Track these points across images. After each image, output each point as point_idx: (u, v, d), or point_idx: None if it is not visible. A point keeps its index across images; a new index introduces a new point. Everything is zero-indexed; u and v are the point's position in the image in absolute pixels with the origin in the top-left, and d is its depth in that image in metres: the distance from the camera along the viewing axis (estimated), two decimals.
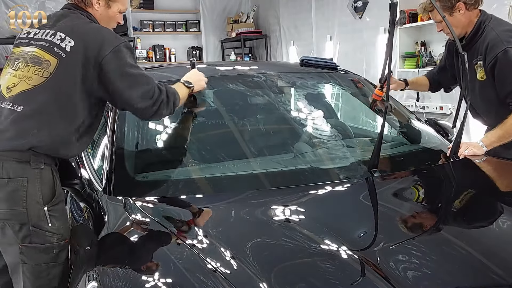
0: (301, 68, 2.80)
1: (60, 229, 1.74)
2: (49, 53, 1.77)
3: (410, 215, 1.80)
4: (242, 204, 1.85)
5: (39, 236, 1.70)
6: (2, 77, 1.85)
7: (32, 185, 1.69)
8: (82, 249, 1.75)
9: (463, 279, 1.35)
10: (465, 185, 2.09)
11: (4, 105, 1.76)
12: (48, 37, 1.80)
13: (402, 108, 2.79)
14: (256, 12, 7.89)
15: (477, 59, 2.33)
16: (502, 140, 2.25)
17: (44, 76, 1.75)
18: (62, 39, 1.77)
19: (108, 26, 1.96)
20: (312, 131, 2.39)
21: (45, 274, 1.72)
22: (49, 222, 1.71)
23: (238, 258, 1.39)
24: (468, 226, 1.70)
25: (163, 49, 7.70)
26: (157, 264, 1.44)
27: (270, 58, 7.70)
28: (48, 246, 1.71)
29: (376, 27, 5.31)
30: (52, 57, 1.76)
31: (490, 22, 2.31)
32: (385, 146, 2.26)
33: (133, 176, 2.01)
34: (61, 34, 1.79)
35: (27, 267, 1.71)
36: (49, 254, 1.72)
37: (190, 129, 2.29)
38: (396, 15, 2.03)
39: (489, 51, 2.25)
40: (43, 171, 1.72)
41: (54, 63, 1.75)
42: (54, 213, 1.73)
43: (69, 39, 1.77)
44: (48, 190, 1.73)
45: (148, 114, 1.86)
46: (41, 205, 1.70)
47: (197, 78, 2.12)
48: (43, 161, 1.72)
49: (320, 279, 1.32)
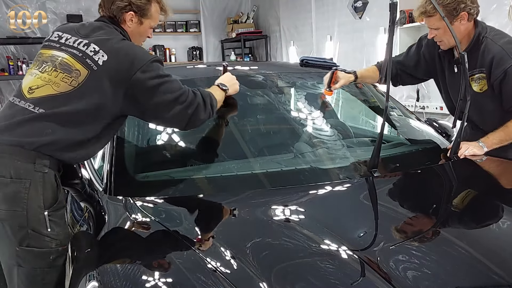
0: (301, 68, 2.80)
1: (59, 235, 1.73)
2: (81, 63, 1.77)
3: (410, 215, 1.80)
4: (242, 204, 1.85)
5: (37, 240, 1.68)
6: (26, 76, 1.85)
7: (35, 188, 1.67)
8: (82, 249, 1.75)
9: (463, 279, 1.35)
10: (465, 185, 2.09)
11: (21, 104, 1.74)
12: (81, 47, 1.80)
13: (402, 108, 2.79)
14: (256, 12, 7.90)
15: (474, 71, 2.26)
16: (503, 142, 2.25)
17: (72, 85, 1.74)
18: (96, 51, 1.77)
19: (139, 42, 1.99)
20: (312, 131, 2.40)
21: (40, 279, 1.71)
22: (48, 227, 1.69)
23: (238, 258, 1.39)
24: (468, 226, 1.70)
25: (163, 49, 7.71)
26: (157, 264, 1.44)
27: (270, 58, 7.71)
28: (46, 251, 1.70)
29: (376, 27, 5.31)
30: (83, 68, 1.76)
31: (488, 34, 2.26)
32: (385, 146, 2.26)
33: (133, 176, 2.01)
34: (95, 47, 1.78)
35: (22, 270, 1.70)
36: (46, 260, 1.71)
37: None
38: (396, 15, 2.00)
39: (495, 65, 2.20)
40: (47, 175, 1.70)
41: (85, 74, 1.75)
42: (54, 219, 1.72)
43: (102, 53, 1.77)
44: (50, 195, 1.71)
45: (184, 119, 1.84)
46: (41, 209, 1.68)
47: (231, 81, 2.12)
48: (47, 164, 1.70)
49: (320, 279, 1.32)
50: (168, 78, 1.83)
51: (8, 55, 6.78)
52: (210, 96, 1.92)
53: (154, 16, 1.99)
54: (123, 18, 1.91)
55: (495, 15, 3.91)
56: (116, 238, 1.65)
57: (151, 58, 1.81)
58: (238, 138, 2.31)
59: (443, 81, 2.47)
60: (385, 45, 2.06)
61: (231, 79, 2.13)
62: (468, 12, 2.21)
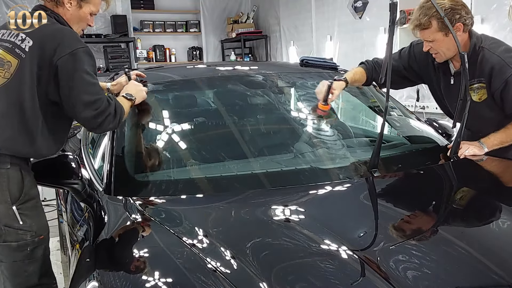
0: (301, 68, 2.80)
1: (33, 226, 1.76)
2: (11, 54, 1.78)
3: (410, 215, 1.80)
4: (242, 204, 1.85)
5: (11, 235, 1.72)
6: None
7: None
8: (82, 249, 1.76)
9: (463, 279, 1.35)
10: (465, 185, 2.09)
11: None
12: (12, 38, 1.81)
13: (402, 108, 2.79)
14: (256, 12, 7.89)
15: (473, 81, 2.24)
16: (503, 144, 2.24)
17: (5, 77, 1.76)
18: (23, 39, 1.78)
19: (78, 28, 1.96)
20: (312, 131, 2.39)
21: (22, 271, 1.75)
22: (20, 220, 1.73)
23: (238, 258, 1.39)
24: (468, 226, 1.70)
25: (163, 49, 7.70)
26: (157, 264, 1.44)
27: (270, 58, 7.70)
28: (21, 243, 1.74)
29: (376, 27, 5.31)
30: (13, 58, 1.77)
31: (483, 43, 2.23)
32: (385, 146, 2.26)
33: (133, 176, 2.01)
34: (22, 35, 1.79)
35: (4, 265, 1.75)
36: (23, 252, 1.74)
37: (190, 129, 2.30)
38: (396, 15, 1.98)
39: (495, 75, 2.18)
40: (10, 170, 1.73)
41: (15, 64, 1.76)
42: (24, 211, 1.75)
43: (28, 39, 1.77)
44: (16, 189, 1.74)
45: (92, 125, 1.83)
46: (9, 204, 1.72)
47: (137, 89, 2.08)
48: (8, 161, 1.73)
49: (320, 279, 1.32)
50: (90, 78, 1.79)
51: None
52: (121, 108, 1.90)
53: (95, 1, 1.96)
54: (62, 0, 1.89)
55: (495, 15, 3.90)
56: (116, 238, 1.65)
57: (79, 46, 1.78)
58: (238, 138, 2.31)
59: (438, 90, 2.44)
60: (385, 45, 2.06)
61: (136, 87, 2.09)
62: (463, 23, 2.17)
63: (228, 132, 2.35)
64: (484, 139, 2.27)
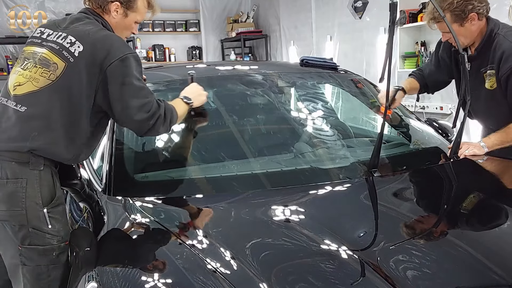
0: (301, 68, 2.80)
1: (60, 231, 1.73)
2: (58, 56, 1.76)
3: (410, 215, 1.80)
4: (242, 204, 1.85)
5: (39, 238, 1.69)
6: (11, 75, 1.85)
7: (31, 186, 1.68)
8: (81, 249, 1.75)
9: (463, 279, 1.35)
10: (465, 185, 2.08)
11: (8, 104, 1.75)
12: (59, 40, 1.79)
13: (402, 108, 2.79)
14: (256, 12, 7.89)
15: (486, 67, 2.27)
16: (504, 144, 2.24)
17: (50, 79, 1.73)
18: (72, 43, 1.76)
19: (122, 35, 1.95)
20: (312, 131, 2.39)
21: (45, 276, 1.71)
22: (49, 224, 1.70)
23: (238, 258, 1.39)
24: (468, 226, 1.70)
25: (162, 48, 7.70)
26: (157, 264, 1.43)
27: (270, 58, 7.70)
28: (48, 248, 1.70)
29: (376, 27, 5.31)
30: (60, 60, 1.75)
31: (500, 30, 2.26)
32: (385, 146, 2.26)
33: (132, 176, 2.01)
34: (71, 38, 1.77)
35: (27, 269, 1.70)
36: (49, 256, 1.71)
37: (190, 129, 2.29)
38: (396, 15, 1.99)
39: (504, 61, 2.20)
40: (43, 172, 1.71)
41: (62, 66, 1.74)
42: (54, 215, 1.72)
43: (78, 44, 1.75)
44: (48, 192, 1.71)
45: (144, 128, 1.81)
46: (40, 206, 1.69)
47: (197, 92, 2.06)
48: (42, 162, 1.71)
49: (320, 279, 1.32)
50: (139, 82, 1.79)
51: (7, 54, 6.77)
52: (172, 111, 1.88)
53: (141, 10, 1.97)
54: (108, 8, 1.89)
55: (495, 15, 3.88)
56: (115, 238, 1.65)
57: (128, 52, 1.78)
58: (238, 138, 2.31)
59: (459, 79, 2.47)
60: (385, 45, 2.05)
61: (196, 91, 2.06)
62: (477, 12, 2.20)
63: (228, 132, 2.35)
64: (484, 139, 2.27)
